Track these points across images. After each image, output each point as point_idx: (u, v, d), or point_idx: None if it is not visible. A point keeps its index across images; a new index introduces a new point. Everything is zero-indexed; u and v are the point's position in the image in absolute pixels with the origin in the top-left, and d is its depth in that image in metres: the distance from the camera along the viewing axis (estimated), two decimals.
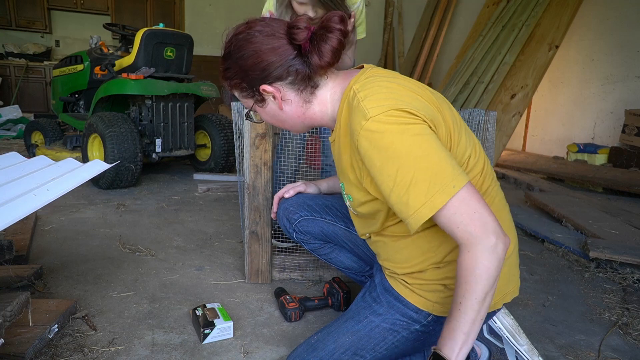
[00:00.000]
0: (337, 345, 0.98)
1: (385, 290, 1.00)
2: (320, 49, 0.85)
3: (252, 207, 1.61)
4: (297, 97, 0.92)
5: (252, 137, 1.55)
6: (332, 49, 0.85)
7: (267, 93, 0.92)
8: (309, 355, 1.00)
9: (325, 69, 0.90)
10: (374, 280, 1.07)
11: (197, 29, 6.85)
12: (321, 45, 0.85)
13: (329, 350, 0.98)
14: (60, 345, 1.23)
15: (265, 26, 0.89)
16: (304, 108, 0.94)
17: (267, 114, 0.98)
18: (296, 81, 0.90)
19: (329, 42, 0.85)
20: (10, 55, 6.53)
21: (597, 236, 2.20)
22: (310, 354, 1.00)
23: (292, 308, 1.42)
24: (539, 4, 4.28)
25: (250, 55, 0.89)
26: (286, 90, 0.91)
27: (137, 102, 3.26)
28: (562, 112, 4.67)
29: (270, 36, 0.88)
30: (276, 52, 0.87)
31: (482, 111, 1.72)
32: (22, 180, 1.16)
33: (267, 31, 0.89)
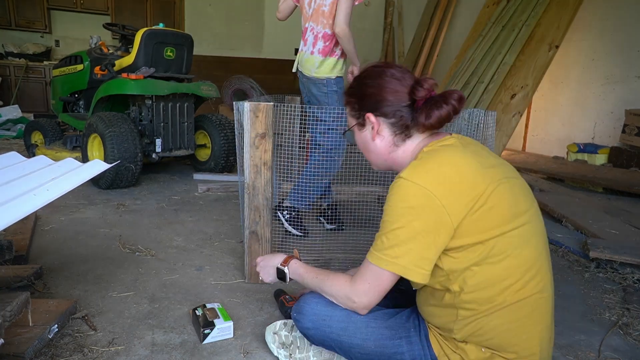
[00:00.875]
0: (362, 345, 1.04)
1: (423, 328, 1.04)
2: (430, 112, 0.96)
3: (252, 207, 1.61)
4: (389, 137, 1.04)
5: (252, 137, 1.55)
6: (439, 117, 0.96)
7: (369, 122, 1.05)
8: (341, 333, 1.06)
9: (425, 129, 1.00)
10: None
11: (197, 29, 6.85)
12: (433, 109, 0.96)
13: (354, 343, 1.05)
14: (60, 345, 1.23)
15: (398, 72, 1.03)
16: (390, 149, 1.05)
17: (360, 138, 1.11)
18: (396, 124, 1.02)
19: (440, 110, 0.96)
20: (10, 55, 6.53)
21: (597, 236, 2.20)
22: (342, 332, 1.06)
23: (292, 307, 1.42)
24: (539, 4, 4.27)
25: (374, 85, 1.03)
26: (384, 127, 1.04)
27: (137, 102, 3.26)
28: (562, 112, 4.67)
29: (397, 80, 1.01)
30: (395, 94, 1.01)
31: (482, 111, 1.72)
32: (22, 180, 1.16)
33: (397, 75, 1.02)
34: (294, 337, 1.18)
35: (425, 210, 0.88)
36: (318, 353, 1.15)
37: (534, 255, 0.91)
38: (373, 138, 1.06)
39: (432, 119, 0.96)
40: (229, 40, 7.16)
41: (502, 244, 0.89)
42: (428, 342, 1.00)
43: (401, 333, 1.03)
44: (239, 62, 7.14)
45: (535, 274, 0.91)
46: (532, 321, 0.91)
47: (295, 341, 1.18)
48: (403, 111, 1.01)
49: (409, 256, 0.90)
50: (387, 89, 1.01)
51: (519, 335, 0.91)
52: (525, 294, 0.90)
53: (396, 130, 1.03)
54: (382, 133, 1.04)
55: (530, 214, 0.94)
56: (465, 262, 0.90)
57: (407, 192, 0.90)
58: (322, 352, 1.15)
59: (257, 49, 7.33)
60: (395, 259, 0.91)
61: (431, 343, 0.99)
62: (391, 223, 0.91)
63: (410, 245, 0.89)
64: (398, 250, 0.90)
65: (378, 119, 1.03)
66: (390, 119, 1.02)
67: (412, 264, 0.90)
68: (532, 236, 0.92)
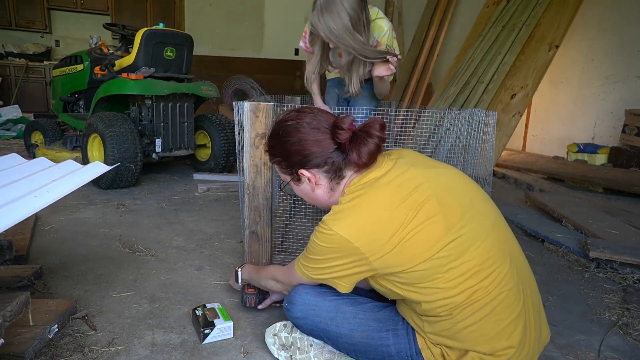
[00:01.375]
0: (349, 335, 1.06)
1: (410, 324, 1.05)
2: (360, 151, 0.98)
3: (252, 207, 1.61)
4: (327, 184, 1.06)
5: (252, 137, 1.55)
6: (369, 152, 0.98)
7: (304, 176, 1.06)
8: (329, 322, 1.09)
9: (360, 167, 1.02)
10: None
11: (197, 29, 6.85)
12: (361, 147, 0.98)
13: (342, 333, 1.07)
14: (60, 345, 1.23)
15: (313, 119, 1.03)
16: (329, 194, 1.08)
17: (300, 191, 1.13)
18: (330, 170, 1.04)
19: (367, 145, 0.97)
20: (10, 55, 6.53)
21: (597, 236, 2.20)
22: (330, 321, 1.09)
23: (250, 293, 1.43)
24: (539, 4, 4.27)
25: (295, 142, 1.03)
26: (321, 176, 1.05)
27: (137, 102, 3.26)
28: (562, 112, 4.67)
29: (315, 129, 1.02)
30: (319, 144, 1.02)
31: (482, 111, 1.72)
32: (23, 182, 1.16)
33: (314, 124, 1.02)
34: (294, 338, 1.18)
35: (343, 253, 0.95)
36: (319, 354, 1.15)
37: (482, 256, 0.92)
38: (313, 189, 1.08)
39: (364, 156, 0.98)
40: (228, 40, 7.17)
41: (438, 261, 0.90)
42: (414, 335, 1.01)
43: (389, 326, 1.04)
44: (239, 62, 7.14)
45: (488, 273, 0.91)
46: (497, 318, 0.91)
47: (296, 342, 1.18)
48: (333, 156, 1.02)
49: (326, 276, 1.01)
50: (309, 142, 1.02)
51: (487, 334, 0.91)
52: (480, 295, 0.90)
53: (331, 175, 1.04)
54: (320, 182, 1.06)
55: (469, 217, 0.94)
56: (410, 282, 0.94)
57: (327, 239, 0.96)
58: (323, 353, 1.15)
59: (257, 49, 7.33)
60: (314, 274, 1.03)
61: (416, 337, 1.00)
62: (313, 253, 1.01)
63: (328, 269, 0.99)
64: (318, 271, 1.01)
65: (312, 172, 1.04)
66: (323, 168, 1.04)
67: (330, 280, 1.01)
68: (474, 240, 0.92)
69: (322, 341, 1.15)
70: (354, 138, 1.00)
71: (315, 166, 1.03)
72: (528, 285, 0.99)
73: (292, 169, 1.06)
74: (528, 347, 0.96)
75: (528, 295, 0.97)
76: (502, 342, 0.92)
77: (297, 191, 1.14)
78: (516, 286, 0.94)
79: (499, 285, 0.92)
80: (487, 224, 0.96)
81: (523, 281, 0.97)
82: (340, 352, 1.14)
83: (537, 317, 0.99)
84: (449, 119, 1.90)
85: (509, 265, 0.94)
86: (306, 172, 1.04)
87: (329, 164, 1.02)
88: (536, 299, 1.01)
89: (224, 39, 7.13)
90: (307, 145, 1.02)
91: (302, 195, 1.14)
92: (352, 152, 0.99)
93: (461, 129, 1.76)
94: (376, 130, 0.98)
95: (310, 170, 1.04)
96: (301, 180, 1.08)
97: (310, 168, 1.04)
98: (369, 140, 0.97)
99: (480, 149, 1.71)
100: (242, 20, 7.17)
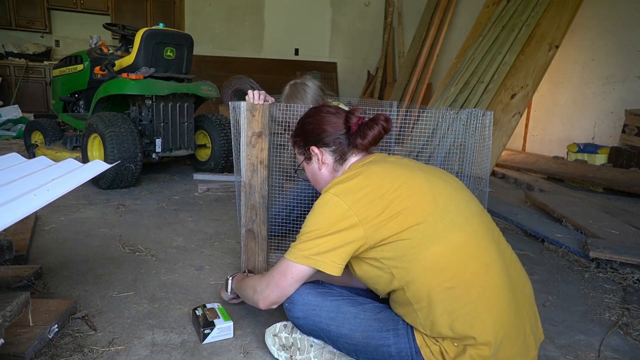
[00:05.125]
0: (350, 335, 1.07)
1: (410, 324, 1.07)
2: (365, 133, 1.14)
3: (249, 205, 1.61)
4: (332, 163, 1.20)
5: (249, 136, 1.55)
6: (373, 136, 1.13)
7: (314, 153, 1.21)
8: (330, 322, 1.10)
9: (362, 149, 1.17)
10: None
11: (197, 29, 6.85)
12: (366, 130, 1.14)
13: (342, 333, 1.08)
14: (60, 345, 1.23)
15: (332, 108, 1.23)
16: (332, 175, 1.20)
17: (309, 171, 1.26)
18: (337, 151, 1.18)
19: (372, 130, 1.13)
20: (10, 55, 6.53)
21: (597, 236, 2.20)
22: (330, 321, 1.10)
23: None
24: (539, 4, 4.27)
25: (313, 122, 1.21)
26: (327, 155, 1.20)
27: (137, 102, 3.26)
28: (562, 112, 4.67)
29: (332, 114, 1.21)
30: (332, 125, 1.18)
31: (480, 111, 1.72)
32: (23, 180, 1.16)
33: (332, 111, 1.22)
34: (294, 339, 1.18)
35: (336, 218, 1.00)
36: (319, 354, 1.15)
37: (467, 240, 0.97)
38: (319, 167, 1.21)
39: (368, 137, 1.13)
40: (229, 40, 7.17)
41: (422, 232, 0.96)
42: (413, 335, 1.02)
43: (389, 326, 1.05)
44: (239, 62, 7.14)
45: (472, 257, 0.96)
46: (485, 302, 0.94)
47: (296, 343, 1.18)
48: (341, 138, 1.17)
49: (318, 248, 1.01)
50: (324, 122, 1.19)
51: (476, 318, 0.93)
52: (464, 277, 0.94)
53: (336, 156, 1.19)
54: (326, 161, 1.20)
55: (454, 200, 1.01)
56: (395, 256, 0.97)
57: (324, 201, 1.04)
58: (323, 353, 1.15)
59: (257, 49, 7.33)
60: (303, 252, 1.02)
61: (415, 336, 1.01)
62: (308, 226, 1.04)
63: (321, 240, 1.01)
64: (307, 245, 1.02)
65: (321, 149, 1.20)
66: (331, 147, 1.18)
67: (321, 255, 1.01)
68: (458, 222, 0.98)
69: (322, 341, 1.15)
70: (361, 125, 1.15)
71: (325, 144, 1.18)
72: (518, 277, 1.03)
73: (306, 147, 1.21)
74: (522, 334, 0.98)
75: (519, 286, 1.01)
76: (493, 327, 0.94)
77: (307, 172, 1.27)
78: (504, 275, 0.98)
79: (487, 271, 0.96)
80: (471, 210, 1.03)
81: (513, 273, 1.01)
82: (340, 352, 1.14)
83: (531, 309, 1.03)
84: (447, 119, 1.90)
85: (495, 253, 0.99)
86: (316, 149, 1.19)
87: (336, 144, 1.17)
88: (528, 291, 1.05)
89: (224, 39, 7.13)
90: (322, 125, 1.19)
91: (310, 177, 1.27)
92: (358, 136, 1.14)
93: (458, 129, 1.76)
94: (381, 120, 1.14)
95: (320, 148, 1.19)
96: (311, 159, 1.23)
97: (320, 146, 1.19)
98: (374, 126, 1.13)
99: (478, 149, 1.72)
100: (242, 20, 7.17)
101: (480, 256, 0.96)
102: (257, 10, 7.19)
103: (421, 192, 1.00)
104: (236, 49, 7.21)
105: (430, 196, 1.00)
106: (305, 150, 1.23)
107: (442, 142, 1.94)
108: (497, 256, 0.99)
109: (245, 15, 7.16)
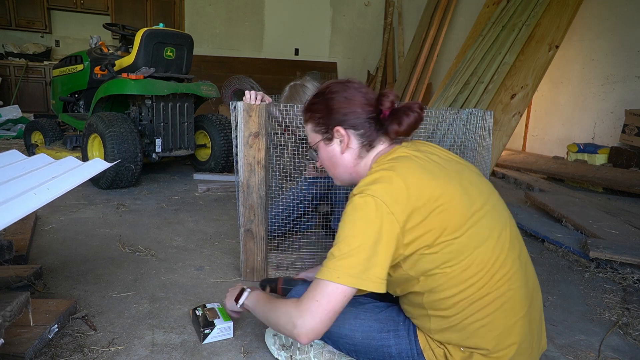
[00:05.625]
0: (350, 336, 1.06)
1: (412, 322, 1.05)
2: (401, 120, 1.01)
3: (247, 205, 1.61)
4: (356, 149, 1.06)
5: (246, 136, 1.55)
6: (409, 123, 1.01)
7: (338, 134, 1.05)
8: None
9: (394, 137, 1.05)
10: None
11: (197, 29, 6.85)
12: (403, 117, 1.01)
13: (342, 333, 1.07)
14: (60, 345, 1.23)
15: (362, 87, 1.07)
16: (356, 162, 1.07)
17: (327, 153, 1.10)
18: (364, 135, 1.04)
19: (409, 117, 1.01)
20: (10, 55, 6.53)
21: (597, 236, 2.20)
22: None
23: None
24: (539, 4, 4.27)
25: (341, 99, 1.05)
26: (353, 139, 1.05)
27: (137, 102, 3.26)
28: (562, 112, 4.67)
29: (362, 93, 1.05)
30: (362, 106, 1.04)
31: (479, 111, 1.72)
32: (22, 178, 1.16)
33: (363, 90, 1.06)
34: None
35: (375, 220, 0.88)
36: (319, 354, 1.15)
37: (495, 251, 0.92)
38: (342, 151, 1.06)
39: (404, 125, 1.00)
40: (229, 40, 7.17)
41: (457, 245, 0.90)
42: (415, 336, 1.01)
43: (390, 326, 1.04)
44: (239, 62, 7.14)
45: (499, 267, 0.91)
46: (505, 314, 0.91)
47: (296, 342, 1.18)
48: (371, 123, 1.04)
49: (361, 266, 0.87)
50: (353, 101, 1.04)
51: (495, 329, 0.91)
52: (488, 289, 0.90)
53: (363, 141, 1.05)
54: (351, 145, 1.05)
55: (486, 210, 0.94)
56: (423, 267, 0.92)
57: (359, 204, 0.90)
58: (323, 353, 1.15)
59: (257, 49, 7.33)
60: (347, 270, 0.87)
61: (418, 337, 1.00)
62: (344, 235, 0.90)
63: (362, 254, 0.87)
64: (350, 261, 0.87)
65: (348, 132, 1.04)
66: (358, 131, 1.04)
67: (364, 273, 0.87)
68: (491, 231, 0.92)
69: (322, 341, 1.15)
70: (394, 112, 1.02)
71: (352, 127, 1.04)
72: (534, 288, 0.99)
73: (329, 126, 1.06)
74: (530, 346, 0.96)
75: (534, 297, 0.98)
76: (508, 339, 0.92)
77: (322, 154, 1.11)
78: (524, 286, 0.94)
79: (509, 282, 0.92)
80: (502, 220, 0.97)
81: (530, 283, 0.98)
82: (340, 352, 1.14)
83: (540, 321, 1.00)
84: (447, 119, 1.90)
85: (518, 264, 0.95)
86: (342, 130, 1.04)
87: (365, 128, 1.04)
88: (539, 304, 1.01)
89: (224, 39, 7.13)
90: (351, 104, 1.04)
91: (325, 159, 1.11)
92: (393, 122, 1.01)
93: (458, 129, 1.76)
94: (417, 108, 1.02)
95: (347, 130, 1.04)
96: (332, 140, 1.07)
97: (347, 128, 1.04)
98: (411, 114, 1.01)
99: (478, 149, 1.71)
100: (242, 20, 7.17)
101: (505, 270, 0.92)
102: (257, 10, 7.19)
103: (458, 205, 0.91)
104: (236, 49, 7.21)
105: (466, 209, 0.92)
106: (327, 130, 1.06)
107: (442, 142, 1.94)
108: (520, 269, 0.95)
109: (245, 15, 7.16)
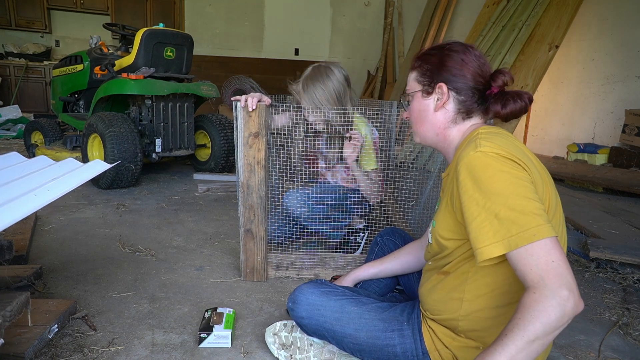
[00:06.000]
0: (355, 335, 1.06)
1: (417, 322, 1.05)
2: (506, 104, 0.97)
3: (247, 205, 1.61)
4: (452, 113, 1.02)
5: (246, 137, 1.55)
6: (512, 109, 0.97)
7: (440, 91, 1.02)
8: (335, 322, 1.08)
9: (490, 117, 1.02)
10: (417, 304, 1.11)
11: (197, 29, 6.85)
12: (509, 101, 0.97)
13: (347, 333, 1.07)
14: (60, 345, 1.23)
15: (482, 57, 1.03)
16: (447, 124, 1.03)
17: (419, 105, 1.06)
18: (464, 103, 1.01)
19: (515, 104, 0.96)
20: (10, 55, 6.53)
21: (597, 236, 2.20)
22: (335, 321, 1.08)
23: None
24: (539, 4, 4.27)
25: (457, 60, 1.01)
26: (451, 101, 1.02)
27: (137, 102, 3.26)
28: (562, 112, 4.67)
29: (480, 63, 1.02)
30: (474, 74, 1.00)
31: None
32: (23, 180, 1.16)
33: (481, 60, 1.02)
34: (294, 338, 1.18)
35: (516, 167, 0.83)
36: (319, 353, 1.15)
37: None
38: (436, 109, 1.03)
39: (507, 109, 0.97)
40: (229, 40, 7.17)
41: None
42: (420, 336, 1.01)
43: (394, 326, 1.04)
44: (239, 62, 7.14)
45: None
46: None
47: (296, 342, 1.18)
48: (475, 93, 1.01)
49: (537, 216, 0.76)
50: (469, 66, 1.00)
51: None
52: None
53: (461, 108, 1.02)
54: (447, 107, 1.02)
55: (558, 209, 0.96)
56: None
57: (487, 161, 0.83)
58: (323, 352, 1.15)
59: (257, 49, 7.33)
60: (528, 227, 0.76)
61: (424, 337, 1.00)
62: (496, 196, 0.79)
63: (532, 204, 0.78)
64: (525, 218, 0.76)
65: (450, 92, 1.01)
66: (460, 96, 1.01)
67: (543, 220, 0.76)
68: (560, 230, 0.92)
69: (326, 341, 1.15)
70: (503, 92, 0.99)
71: (455, 89, 1.01)
72: None
73: (434, 80, 1.03)
74: None
75: None
76: None
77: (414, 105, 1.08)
78: None
79: None
80: (563, 221, 0.97)
81: None
82: (340, 351, 1.14)
83: None
84: None
85: None
86: (445, 88, 1.01)
87: (467, 96, 1.01)
88: None
89: (224, 39, 7.14)
90: (464, 68, 1.01)
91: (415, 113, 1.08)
92: (497, 102, 0.98)
93: None
94: (527, 98, 0.98)
95: (450, 90, 1.02)
96: (430, 96, 1.04)
97: (450, 88, 1.02)
98: (519, 101, 0.96)
99: None
100: (242, 20, 7.17)
101: None
102: (257, 10, 7.19)
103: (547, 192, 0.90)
104: (236, 49, 7.21)
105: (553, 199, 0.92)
106: (430, 83, 1.03)
107: None
108: None
109: (245, 15, 7.16)
